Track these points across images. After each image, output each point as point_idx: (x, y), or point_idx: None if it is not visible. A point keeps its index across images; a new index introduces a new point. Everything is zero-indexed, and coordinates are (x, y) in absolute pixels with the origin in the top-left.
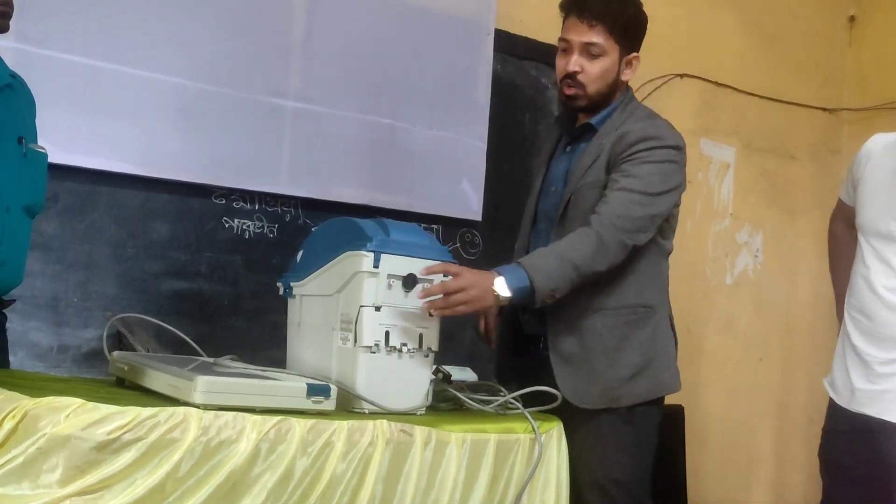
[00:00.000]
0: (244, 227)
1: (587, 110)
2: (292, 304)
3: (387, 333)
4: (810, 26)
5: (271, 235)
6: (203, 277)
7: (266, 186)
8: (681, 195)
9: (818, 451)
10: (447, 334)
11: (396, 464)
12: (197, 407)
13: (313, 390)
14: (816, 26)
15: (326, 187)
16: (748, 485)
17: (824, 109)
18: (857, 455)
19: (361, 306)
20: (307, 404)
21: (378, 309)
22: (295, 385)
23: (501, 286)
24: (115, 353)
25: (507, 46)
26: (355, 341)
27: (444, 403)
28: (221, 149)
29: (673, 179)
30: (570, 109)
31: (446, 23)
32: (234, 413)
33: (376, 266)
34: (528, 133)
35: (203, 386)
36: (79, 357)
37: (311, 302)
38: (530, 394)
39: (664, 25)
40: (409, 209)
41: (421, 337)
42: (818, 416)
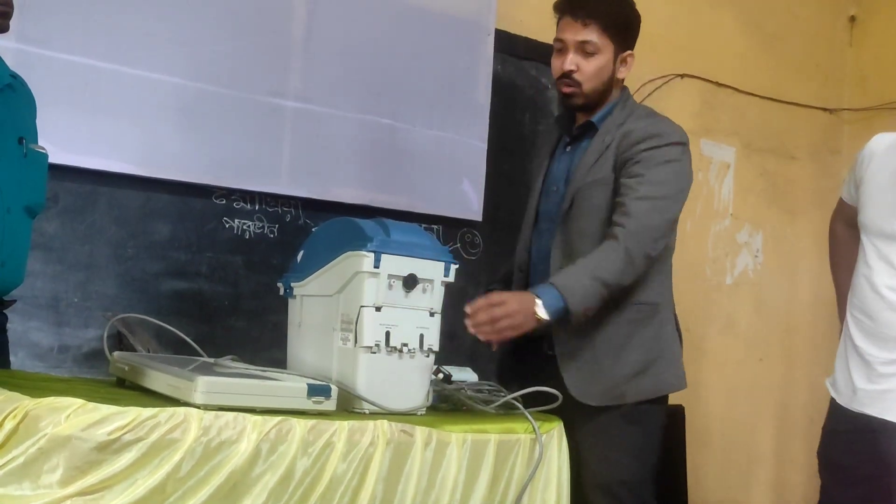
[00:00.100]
0: (244, 227)
1: (585, 108)
2: (293, 305)
3: (387, 334)
4: (810, 26)
5: (272, 236)
6: (203, 278)
7: (266, 187)
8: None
9: (817, 451)
10: (447, 334)
11: (397, 464)
12: (197, 407)
13: (314, 391)
14: (816, 26)
15: (327, 187)
16: (748, 485)
17: (824, 109)
18: (858, 455)
19: (362, 306)
20: (308, 405)
21: (379, 309)
22: (295, 385)
23: (541, 309)
24: (116, 354)
25: (508, 46)
26: (356, 341)
27: (445, 404)
28: (222, 149)
29: (684, 178)
30: (567, 108)
31: (446, 23)
32: (235, 413)
33: (377, 266)
34: (528, 133)
35: (204, 386)
36: (79, 357)
37: (311, 302)
38: (531, 394)
39: (664, 25)
40: (410, 209)
41: (421, 337)
42: (818, 416)
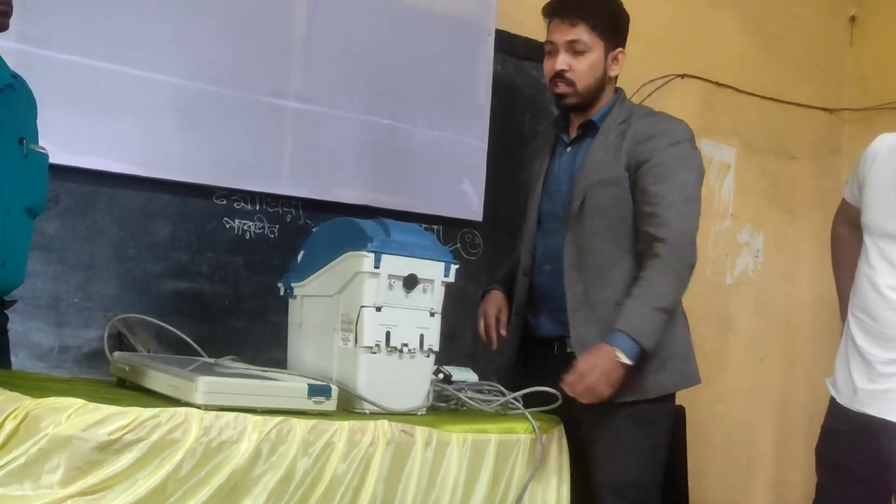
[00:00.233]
0: (245, 227)
1: (579, 108)
2: (293, 305)
3: (387, 334)
4: (810, 26)
5: (272, 236)
6: (204, 278)
7: (267, 187)
8: None
9: (816, 448)
10: (448, 334)
11: (397, 464)
12: (198, 407)
13: (314, 391)
14: (816, 26)
15: (327, 188)
16: (748, 485)
17: (825, 109)
18: (858, 454)
19: (362, 307)
20: (308, 405)
21: (379, 309)
22: (296, 385)
23: (625, 358)
24: (116, 354)
25: (508, 47)
26: (356, 342)
27: (445, 404)
28: (222, 149)
29: (701, 174)
30: (561, 108)
31: (447, 23)
32: (236, 413)
33: (377, 266)
34: (529, 133)
35: (204, 386)
36: (80, 357)
37: (311, 302)
38: (533, 394)
39: (664, 25)
40: (410, 209)
41: (421, 337)
42: (818, 416)
